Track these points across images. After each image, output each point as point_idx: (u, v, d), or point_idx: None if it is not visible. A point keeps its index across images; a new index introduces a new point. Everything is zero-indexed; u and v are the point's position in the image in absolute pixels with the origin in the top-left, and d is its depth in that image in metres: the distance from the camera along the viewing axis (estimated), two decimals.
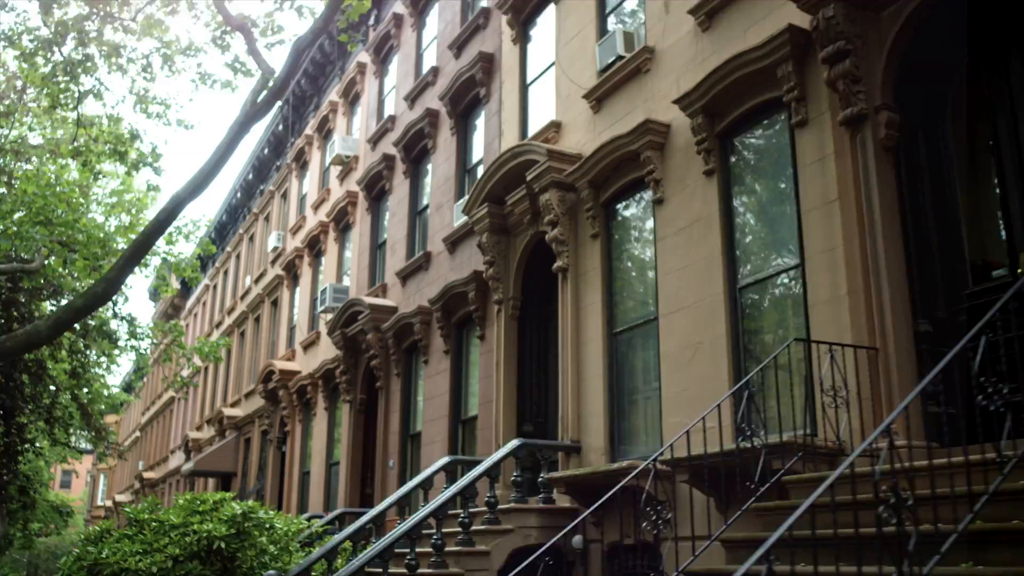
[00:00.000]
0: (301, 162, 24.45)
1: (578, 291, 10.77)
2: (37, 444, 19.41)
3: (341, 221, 19.89)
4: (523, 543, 9.66)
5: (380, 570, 8.76)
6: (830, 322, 7.23)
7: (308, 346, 20.95)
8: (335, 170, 20.87)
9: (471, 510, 9.63)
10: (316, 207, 22.16)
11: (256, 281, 27.37)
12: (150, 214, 17.11)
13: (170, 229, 16.67)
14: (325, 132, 22.54)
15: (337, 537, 10.39)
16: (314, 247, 21.81)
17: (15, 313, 15.67)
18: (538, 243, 11.95)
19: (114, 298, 16.47)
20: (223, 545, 9.56)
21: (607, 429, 9.96)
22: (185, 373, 18.45)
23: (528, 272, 12.30)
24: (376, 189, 18.07)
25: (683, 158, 9.35)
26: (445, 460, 11.30)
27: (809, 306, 7.56)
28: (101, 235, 14.11)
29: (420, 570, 9.09)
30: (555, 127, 11.78)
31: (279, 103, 24.24)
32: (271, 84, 8.90)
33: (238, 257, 31.23)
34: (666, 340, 9.20)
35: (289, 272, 23.68)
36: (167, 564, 9.37)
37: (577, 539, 9.75)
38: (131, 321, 17.07)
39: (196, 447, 30.61)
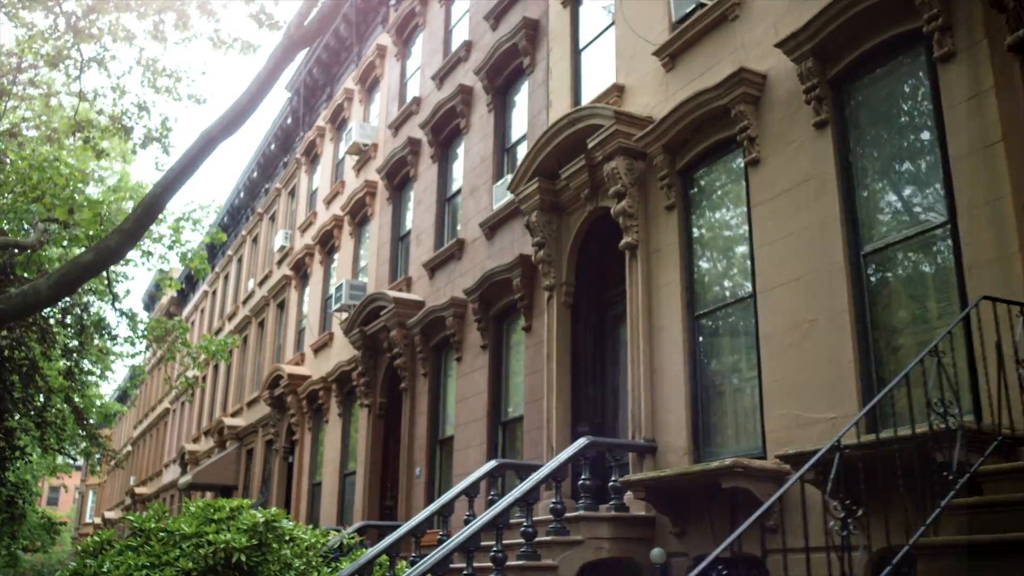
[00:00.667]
0: (312, 156, 23.17)
1: (650, 270, 9.49)
2: (27, 452, 17.94)
3: (358, 214, 18.58)
4: (595, 556, 8.34)
5: None
6: (995, 285, 5.95)
7: (319, 348, 19.57)
8: (350, 161, 19.59)
9: (534, 519, 8.29)
10: (329, 201, 20.86)
11: (260, 284, 26.01)
12: None
13: (177, 216, 15.39)
14: (339, 122, 21.27)
15: (372, 551, 9.05)
16: (326, 243, 20.48)
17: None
18: (595, 221, 10.69)
19: (114, 292, 15.15)
20: (243, 558, 8.23)
21: (689, 426, 8.64)
22: (190, 374, 17.00)
23: (582, 254, 11.03)
24: (399, 177, 16.79)
25: (785, 111, 8.11)
26: (492, 464, 9.97)
27: (965, 269, 6.30)
28: (104, 211, 12.71)
29: None
30: (617, 91, 10.55)
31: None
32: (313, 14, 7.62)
33: (240, 260, 29.87)
34: (766, 320, 7.92)
35: (298, 272, 22.33)
36: None
37: (657, 552, 8.44)
38: (132, 316, 15.69)
39: (193, 460, 29.12)
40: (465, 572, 7.76)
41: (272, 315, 24.28)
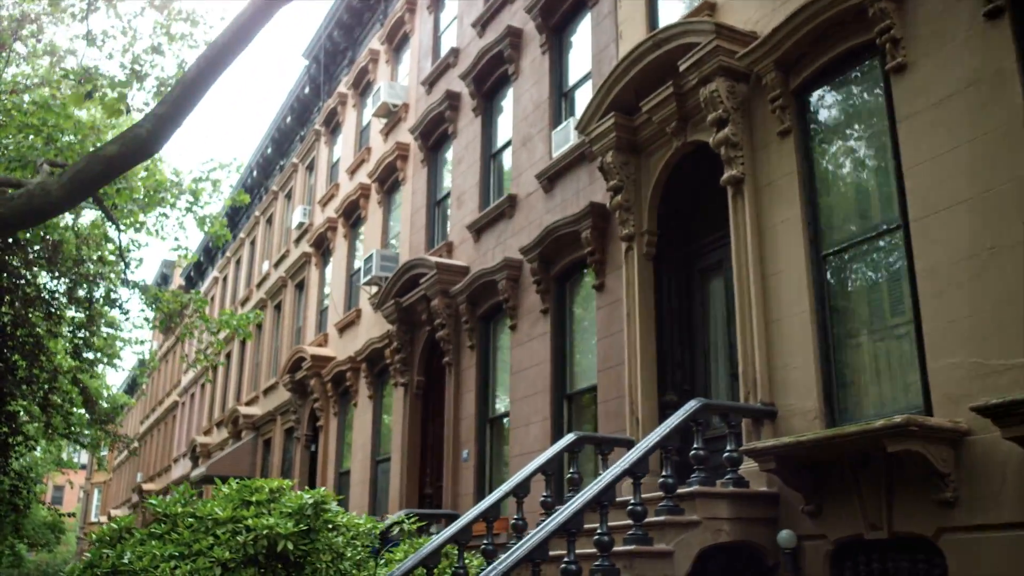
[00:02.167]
0: (332, 125, 21.78)
1: (760, 207, 8.12)
2: (33, 439, 16.59)
3: (387, 180, 17.21)
4: (713, 540, 6.98)
5: None
6: None
7: (345, 328, 18.21)
8: (376, 125, 18.22)
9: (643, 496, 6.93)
10: (353, 171, 19.48)
11: (276, 265, 24.66)
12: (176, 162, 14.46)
13: (198, 176, 14.02)
14: (363, 86, 19.88)
15: (437, 539, 7.73)
16: (351, 215, 19.10)
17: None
18: (682, 159, 9.34)
19: (126, 260, 13.79)
20: (290, 546, 6.90)
21: (819, 385, 7.28)
22: (209, 351, 15.64)
23: (664, 200, 9.67)
24: (435, 136, 15.42)
25: (940, 4, 6.75)
26: (570, 438, 8.61)
27: None
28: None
29: None
30: (708, 8, 9.18)
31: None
32: None
33: (253, 243, 28.51)
34: (925, 253, 6.55)
35: (319, 248, 20.97)
36: (214, 572, 6.69)
37: (786, 534, 7.09)
38: (144, 289, 14.33)
39: (205, 453, 27.80)
40: (566, 559, 6.40)
41: (290, 296, 22.93)
